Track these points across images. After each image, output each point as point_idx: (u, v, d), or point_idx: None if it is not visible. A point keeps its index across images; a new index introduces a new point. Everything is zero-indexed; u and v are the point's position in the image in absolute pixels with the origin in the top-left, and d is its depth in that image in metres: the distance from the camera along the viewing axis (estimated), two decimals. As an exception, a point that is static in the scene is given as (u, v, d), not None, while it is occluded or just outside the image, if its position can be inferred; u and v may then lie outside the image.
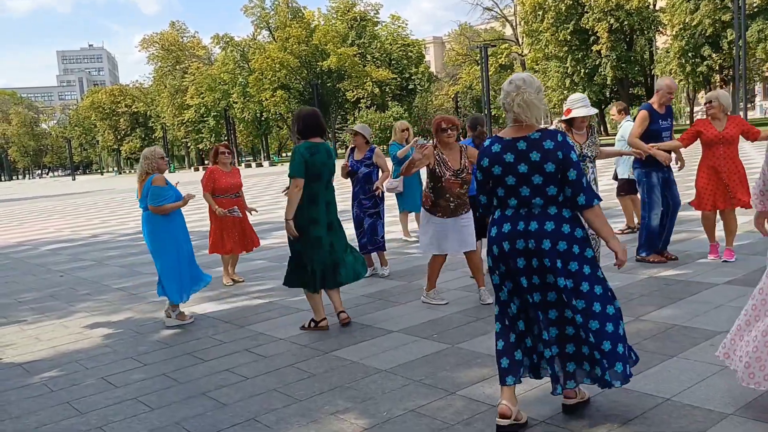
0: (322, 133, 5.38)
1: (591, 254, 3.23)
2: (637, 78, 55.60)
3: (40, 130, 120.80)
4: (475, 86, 70.87)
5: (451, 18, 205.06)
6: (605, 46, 50.75)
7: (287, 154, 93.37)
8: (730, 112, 6.58)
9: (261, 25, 72.79)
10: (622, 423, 3.30)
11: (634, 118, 6.99)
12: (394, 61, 69.62)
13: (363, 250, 7.29)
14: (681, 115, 63.93)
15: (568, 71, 53.34)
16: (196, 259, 6.29)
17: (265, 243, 9.58)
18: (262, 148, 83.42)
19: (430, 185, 5.62)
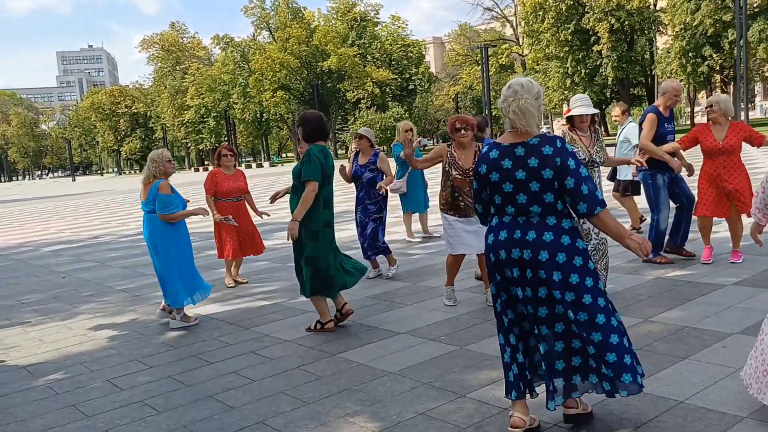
0: (326, 136, 5.49)
1: (593, 266, 3.13)
2: (638, 78, 55.58)
3: (40, 131, 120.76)
4: (476, 86, 70.87)
5: (450, 18, 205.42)
6: (606, 46, 50.76)
7: (287, 155, 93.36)
8: (732, 116, 6.45)
9: (261, 26, 72.79)
10: (636, 427, 3.26)
11: (639, 123, 6.90)
12: (394, 62, 69.58)
13: (364, 255, 7.26)
14: (681, 115, 63.90)
15: (568, 71, 53.34)
16: (201, 261, 6.25)
17: (268, 244, 9.54)
18: (263, 149, 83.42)
19: (443, 184, 5.74)
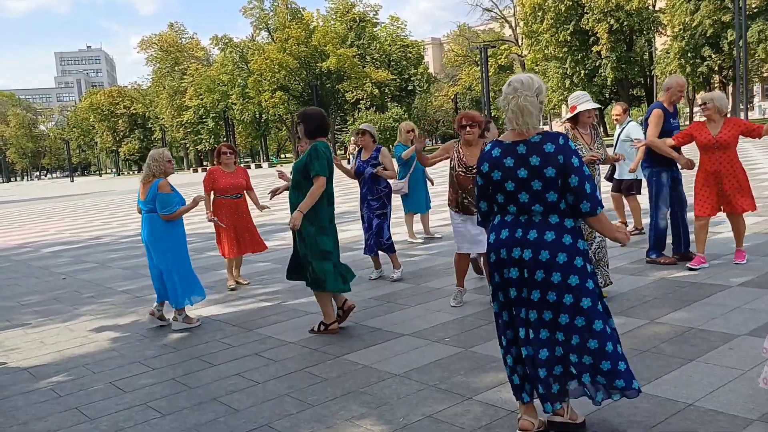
0: (327, 133, 5.52)
1: (591, 269, 3.09)
2: (637, 79, 55.54)
3: (39, 132, 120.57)
4: (475, 87, 70.83)
5: (449, 18, 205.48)
6: (605, 46, 50.72)
7: (286, 156, 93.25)
8: (729, 113, 6.43)
9: (260, 26, 72.63)
10: (646, 429, 3.23)
11: (645, 119, 6.89)
12: (393, 62, 69.46)
13: (370, 251, 7.24)
14: (681, 116, 63.83)
15: (567, 72, 53.31)
16: (201, 262, 6.22)
17: (269, 245, 9.50)
18: (261, 150, 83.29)
19: (449, 180, 5.82)
